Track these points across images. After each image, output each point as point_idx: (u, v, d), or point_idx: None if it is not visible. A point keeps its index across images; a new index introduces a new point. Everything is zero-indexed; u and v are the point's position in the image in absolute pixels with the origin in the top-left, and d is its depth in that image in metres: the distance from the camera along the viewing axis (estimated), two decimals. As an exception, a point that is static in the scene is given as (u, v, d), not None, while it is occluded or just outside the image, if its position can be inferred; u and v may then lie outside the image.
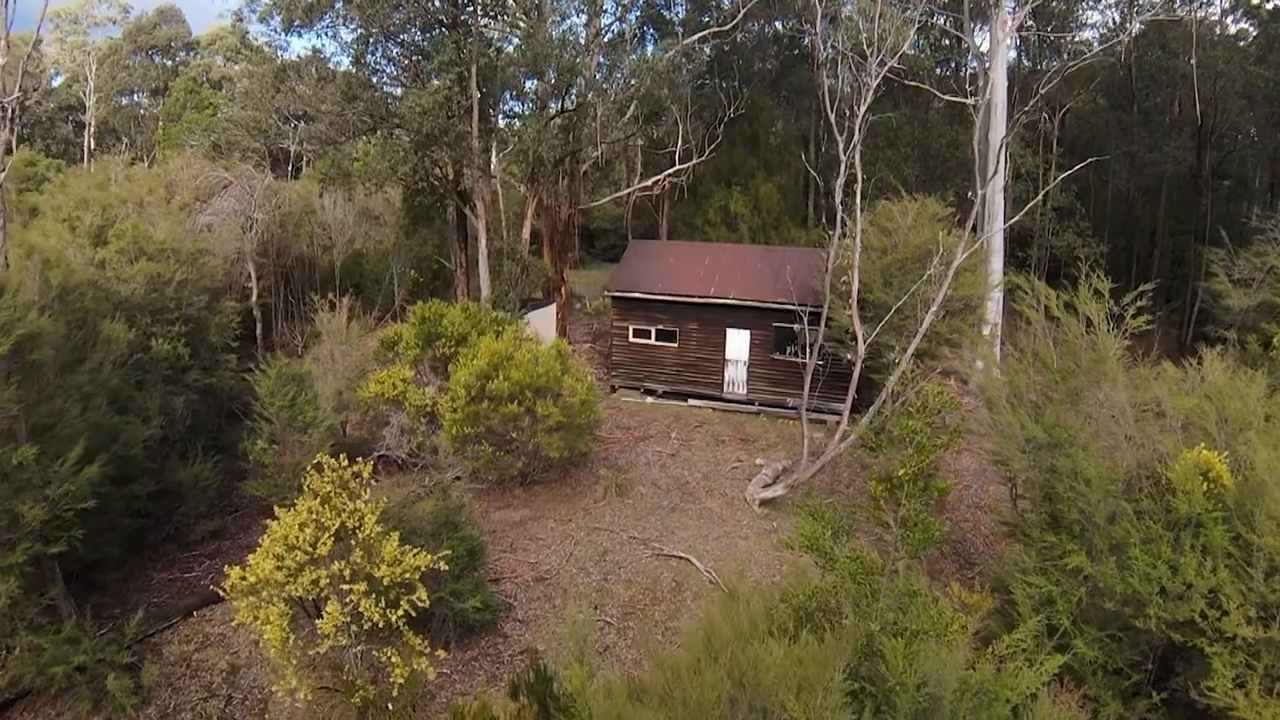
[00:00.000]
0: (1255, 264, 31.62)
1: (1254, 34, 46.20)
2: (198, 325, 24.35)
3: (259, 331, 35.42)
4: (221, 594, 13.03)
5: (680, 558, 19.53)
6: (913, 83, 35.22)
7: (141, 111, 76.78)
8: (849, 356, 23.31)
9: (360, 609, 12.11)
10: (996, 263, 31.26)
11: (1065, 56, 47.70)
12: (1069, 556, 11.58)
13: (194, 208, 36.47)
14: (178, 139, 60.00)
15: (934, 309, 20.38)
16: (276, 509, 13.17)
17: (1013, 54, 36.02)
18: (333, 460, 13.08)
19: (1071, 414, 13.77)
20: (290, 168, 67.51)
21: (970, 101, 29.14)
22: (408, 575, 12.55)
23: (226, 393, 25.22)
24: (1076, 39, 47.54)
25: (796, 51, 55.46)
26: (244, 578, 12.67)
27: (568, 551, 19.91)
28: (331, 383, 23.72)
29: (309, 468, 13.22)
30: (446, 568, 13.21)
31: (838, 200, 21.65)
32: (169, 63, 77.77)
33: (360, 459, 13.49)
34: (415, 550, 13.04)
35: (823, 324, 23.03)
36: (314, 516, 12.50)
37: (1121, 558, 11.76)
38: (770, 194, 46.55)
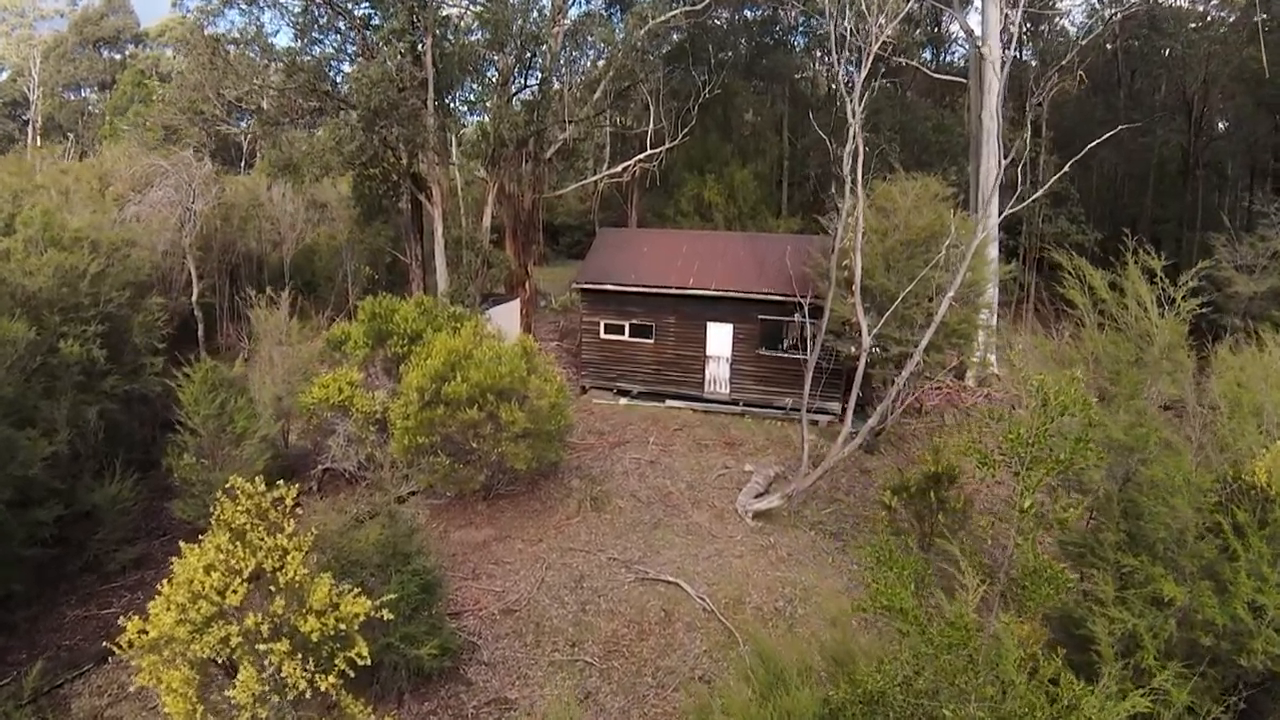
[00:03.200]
0: (1260, 249, 30.09)
1: (1226, 24, 44.80)
2: (119, 324, 21.55)
3: (200, 332, 32.67)
4: (117, 650, 10.55)
5: (668, 582, 17.13)
6: (899, 59, 33.30)
7: (89, 107, 73.48)
8: (852, 349, 21.09)
9: (283, 673, 9.62)
10: (993, 250, 29.50)
11: (1042, 43, 46.25)
12: (1159, 583, 9.40)
13: (129, 199, 33.61)
14: (122, 132, 56.94)
15: (950, 294, 18.22)
16: (182, 545, 10.69)
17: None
18: (247, 485, 10.54)
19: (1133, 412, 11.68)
20: (243, 163, 64.58)
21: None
22: (343, 626, 10.08)
23: (159, 400, 22.49)
24: (1058, 23, 46.18)
25: (769, 40, 53.46)
26: (144, 631, 10.21)
27: (539, 577, 17.40)
28: (270, 388, 21.14)
29: (219, 493, 10.70)
30: (392, 616, 10.73)
31: (845, 170, 19.42)
32: (117, 56, 74.91)
33: (284, 482, 10.95)
34: (355, 592, 10.57)
35: (826, 314, 20.70)
36: (223, 556, 9.99)
37: (1218, 582, 9.65)
38: (746, 181, 44.47)
